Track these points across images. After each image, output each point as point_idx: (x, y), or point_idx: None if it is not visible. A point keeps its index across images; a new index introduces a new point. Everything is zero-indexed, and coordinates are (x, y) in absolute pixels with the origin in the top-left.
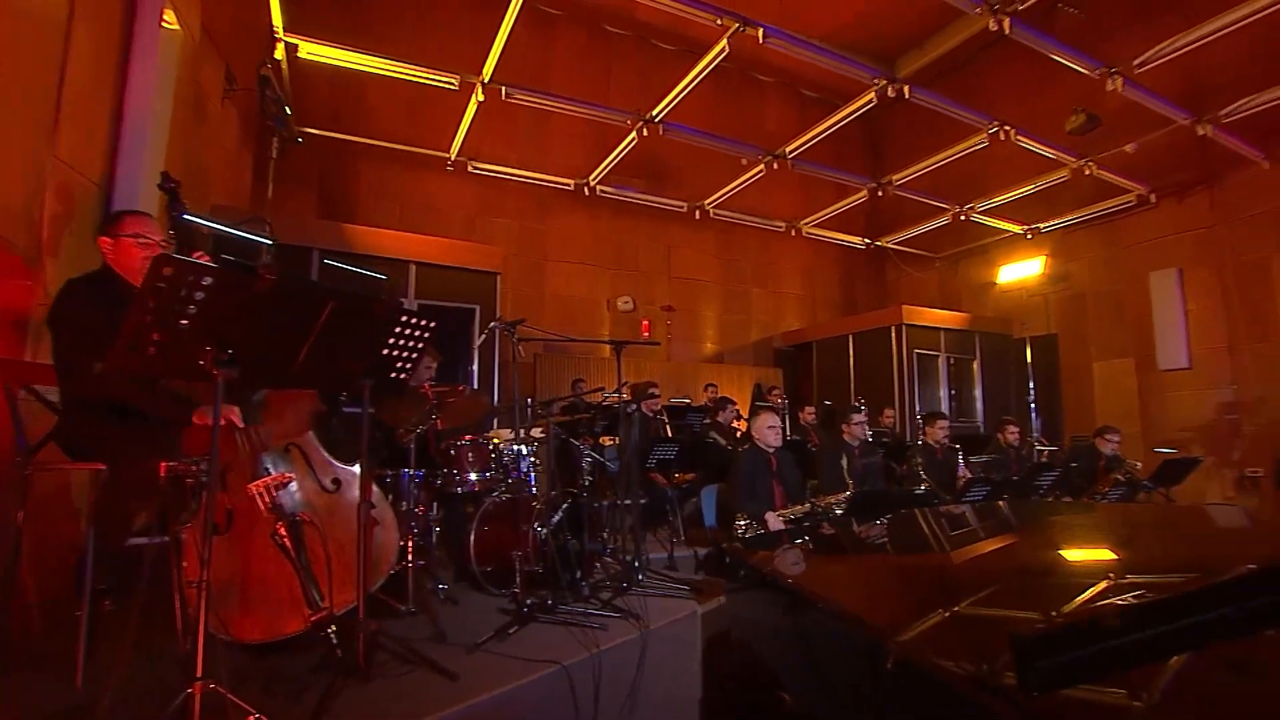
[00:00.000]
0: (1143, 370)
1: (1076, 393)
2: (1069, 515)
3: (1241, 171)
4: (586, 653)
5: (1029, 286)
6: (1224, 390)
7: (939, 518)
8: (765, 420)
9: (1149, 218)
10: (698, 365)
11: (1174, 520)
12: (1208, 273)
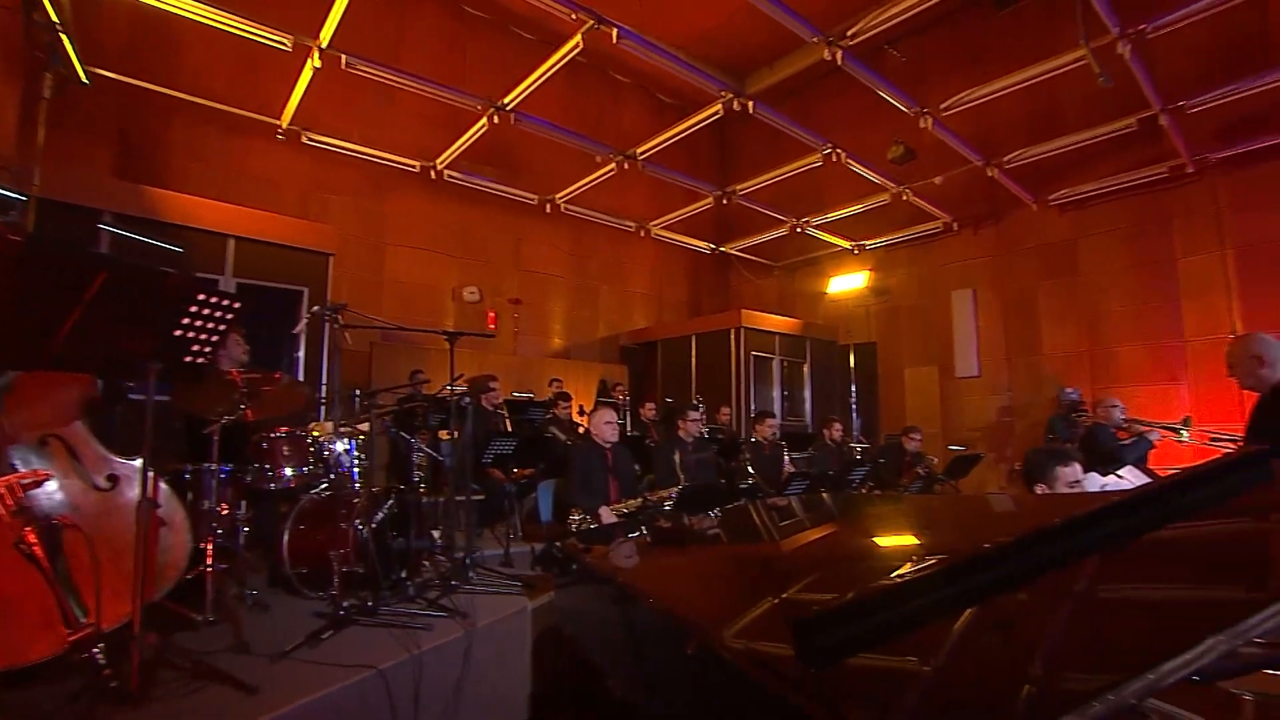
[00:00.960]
0: (944, 377)
1: (891, 396)
2: (881, 506)
3: (1019, 211)
4: (406, 654)
5: (854, 298)
6: (1002, 396)
7: (769, 510)
8: (603, 416)
9: (953, 243)
10: (544, 360)
11: (961, 507)
12: (994, 295)
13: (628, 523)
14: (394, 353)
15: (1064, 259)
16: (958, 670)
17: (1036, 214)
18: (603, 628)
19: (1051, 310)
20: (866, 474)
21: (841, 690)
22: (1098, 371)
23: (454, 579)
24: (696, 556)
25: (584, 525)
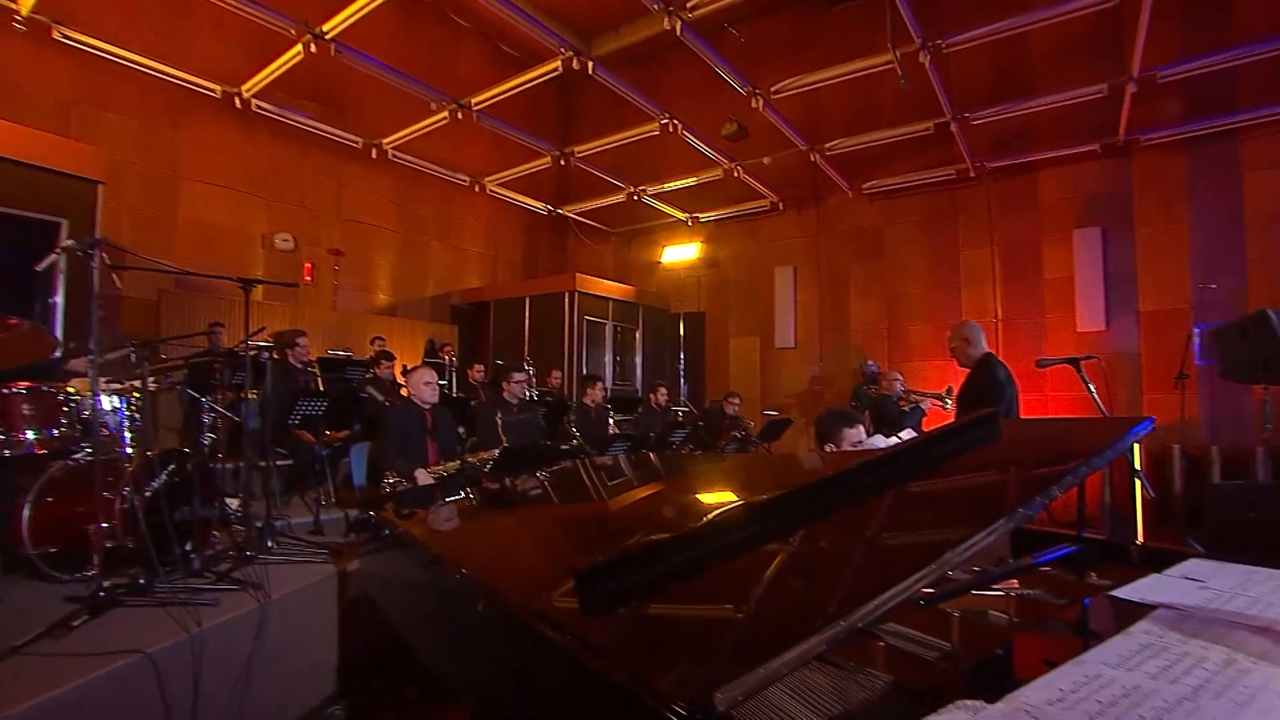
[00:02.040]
0: (764, 347)
1: (717, 363)
2: (703, 465)
3: (837, 196)
4: (185, 634)
5: (686, 268)
6: (814, 366)
7: (598, 469)
8: (421, 376)
9: (778, 221)
10: (367, 317)
11: (773, 465)
12: (812, 273)
13: (448, 485)
14: (189, 302)
15: (872, 243)
16: (768, 609)
17: (851, 200)
18: (414, 594)
19: (860, 289)
20: (687, 436)
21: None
22: (894, 346)
23: (250, 549)
24: (526, 517)
25: (398, 488)
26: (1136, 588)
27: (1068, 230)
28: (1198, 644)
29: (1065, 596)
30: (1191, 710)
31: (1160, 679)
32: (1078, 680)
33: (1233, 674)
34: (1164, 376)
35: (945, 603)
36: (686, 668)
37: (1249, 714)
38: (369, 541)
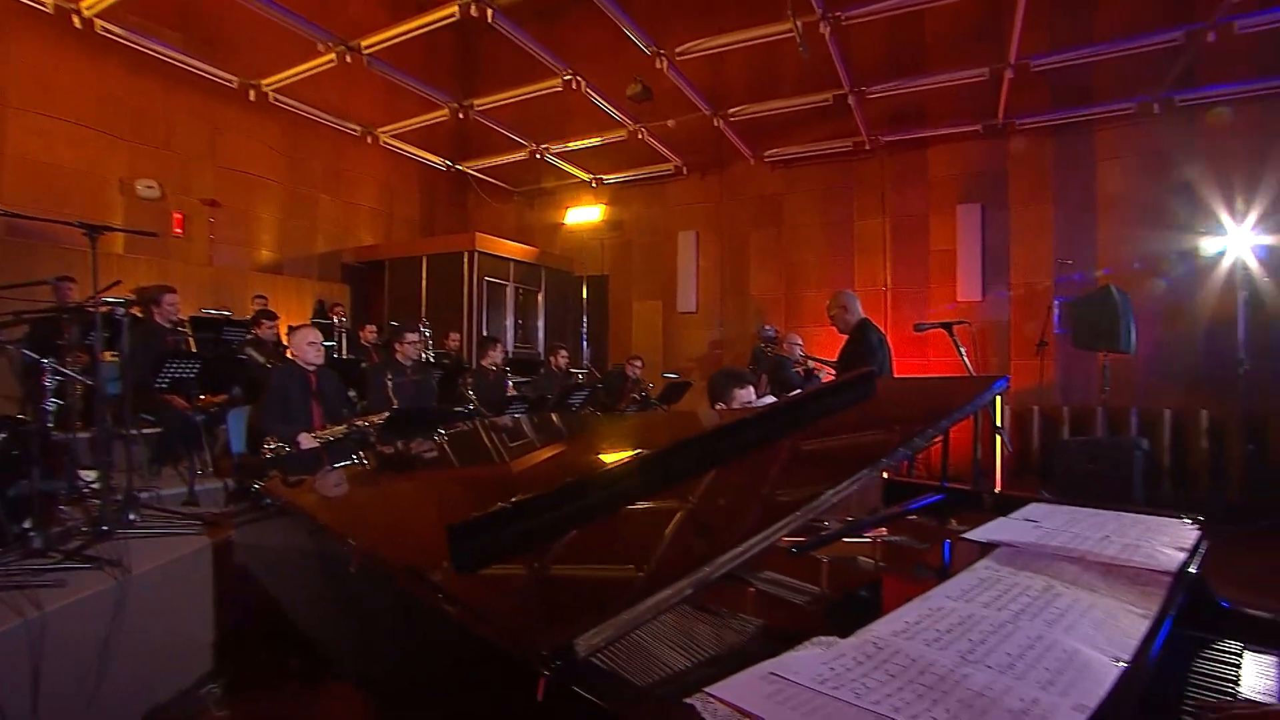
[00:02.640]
0: (667, 311)
1: (620, 326)
2: (603, 425)
3: (739, 163)
4: (18, 619)
5: (590, 231)
6: (715, 330)
7: (498, 430)
8: (304, 336)
9: (681, 186)
10: (248, 274)
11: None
12: (713, 238)
13: (335, 450)
14: (25, 254)
15: (772, 211)
16: (598, 563)
17: (753, 167)
18: (298, 564)
19: (760, 256)
20: (586, 398)
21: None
22: (791, 312)
23: (107, 524)
24: (420, 481)
25: (280, 454)
26: (984, 530)
27: (952, 205)
28: (1025, 575)
29: (928, 541)
30: (1011, 631)
31: (990, 607)
32: (921, 613)
33: (1048, 598)
34: (1029, 344)
35: (819, 550)
36: (551, 619)
37: (1055, 630)
38: (248, 511)
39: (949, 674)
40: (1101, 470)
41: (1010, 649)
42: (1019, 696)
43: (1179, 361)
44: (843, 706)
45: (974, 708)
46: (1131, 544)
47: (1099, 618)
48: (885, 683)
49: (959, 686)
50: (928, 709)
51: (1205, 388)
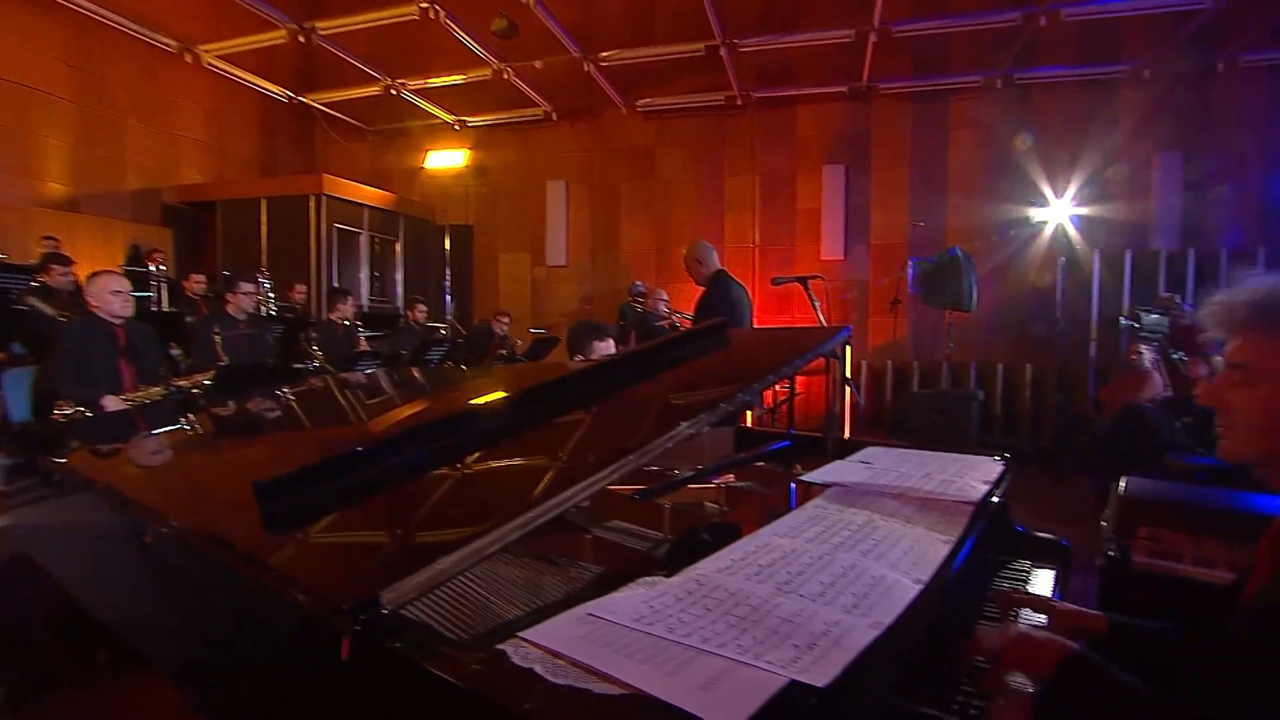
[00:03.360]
0: (535, 264)
1: (486, 280)
2: (470, 379)
3: (611, 111)
4: None
5: (453, 177)
6: (585, 286)
7: (355, 388)
8: (106, 284)
9: (551, 133)
10: (31, 211)
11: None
12: (584, 189)
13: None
14: None
15: (644, 163)
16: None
17: (625, 117)
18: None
19: (631, 209)
20: (446, 354)
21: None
22: (662, 267)
23: None
24: (264, 444)
25: (76, 419)
26: (820, 472)
27: (818, 165)
28: (850, 511)
29: (770, 484)
30: (828, 562)
31: (814, 542)
32: (748, 550)
33: (866, 531)
34: (887, 302)
35: (665, 497)
36: (361, 575)
37: (868, 559)
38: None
39: (762, 604)
40: (944, 420)
41: (825, 578)
42: (823, 620)
43: (1010, 320)
44: (654, 640)
45: (779, 633)
46: (947, 479)
47: (908, 546)
48: (701, 616)
49: (770, 615)
50: (736, 637)
51: (1030, 344)
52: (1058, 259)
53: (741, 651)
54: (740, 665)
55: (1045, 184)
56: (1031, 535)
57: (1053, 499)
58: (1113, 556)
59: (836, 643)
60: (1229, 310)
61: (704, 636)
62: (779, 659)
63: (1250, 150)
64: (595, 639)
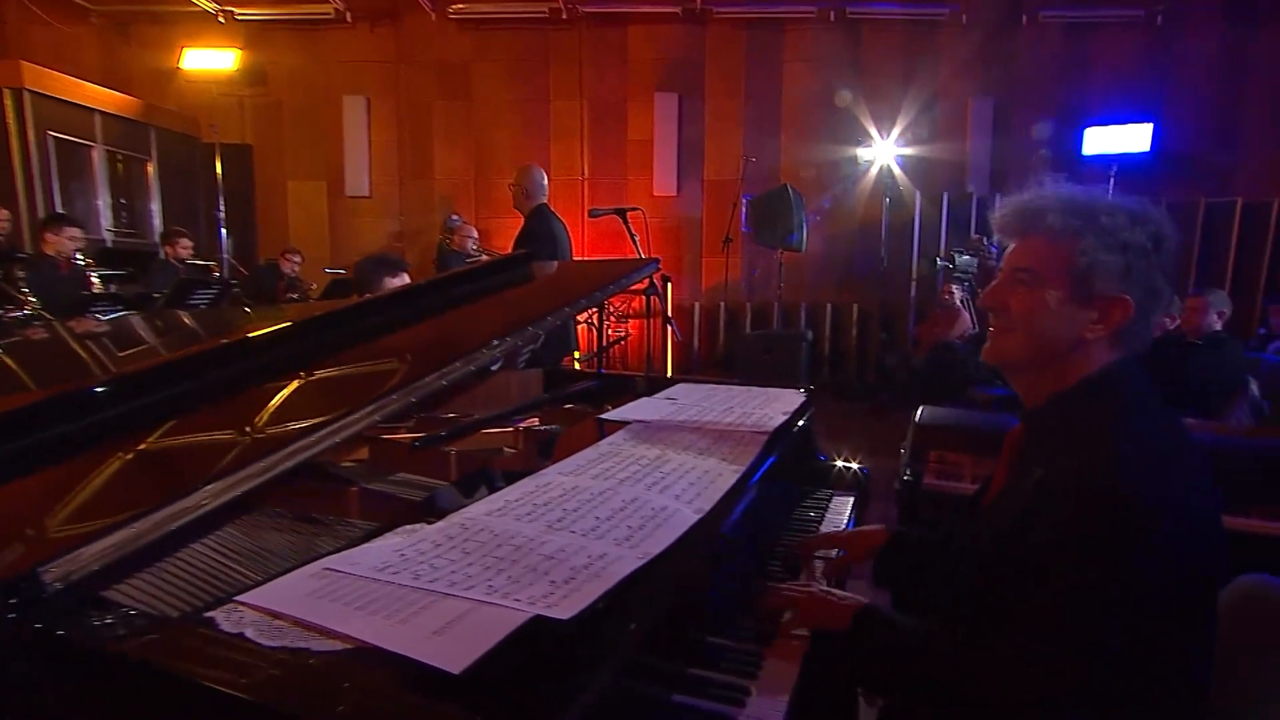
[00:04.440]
0: (333, 195)
1: (272, 211)
2: (256, 321)
3: (418, 16)
4: None
5: (222, 84)
6: (394, 220)
7: (99, 339)
8: None
9: (346, 37)
10: None
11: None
12: (388, 107)
13: None
14: None
15: (459, 80)
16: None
17: (436, 25)
18: None
19: (445, 132)
20: (216, 297)
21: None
22: (482, 200)
23: None
24: None
25: None
26: (623, 409)
27: (650, 92)
28: (644, 447)
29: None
30: (609, 498)
31: (598, 478)
32: (526, 490)
33: (656, 465)
34: (719, 241)
35: (457, 443)
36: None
37: (652, 492)
38: None
39: (528, 543)
40: (775, 360)
41: (602, 513)
42: (589, 554)
43: (838, 260)
44: (394, 589)
45: (538, 570)
46: (748, 412)
47: (696, 477)
48: (457, 560)
49: (532, 554)
50: (490, 578)
51: (857, 283)
52: (883, 199)
53: (490, 592)
54: (484, 606)
55: (872, 124)
56: (833, 465)
57: (872, 433)
58: (907, 480)
59: (596, 575)
60: (1013, 215)
61: (453, 580)
62: (530, 596)
63: (1050, 102)
64: (326, 594)
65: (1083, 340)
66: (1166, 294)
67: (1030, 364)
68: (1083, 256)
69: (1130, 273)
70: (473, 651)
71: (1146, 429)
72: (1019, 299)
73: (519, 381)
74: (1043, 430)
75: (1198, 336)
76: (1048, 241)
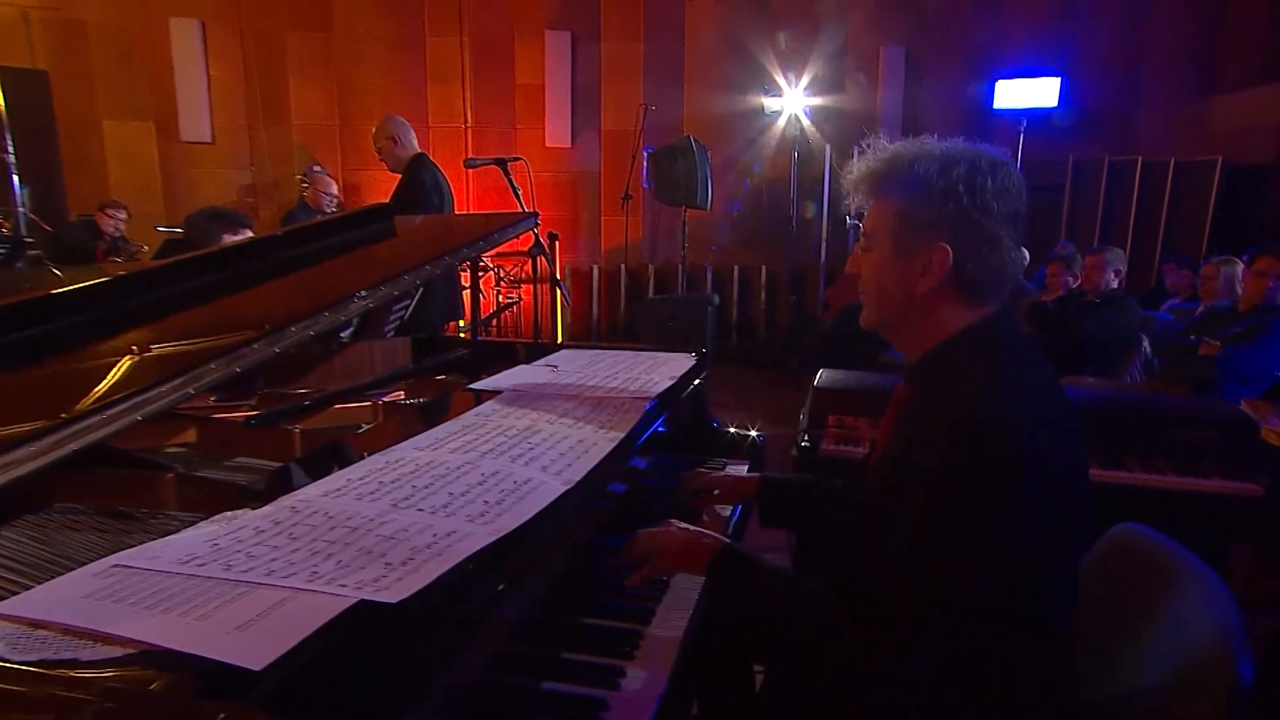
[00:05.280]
0: (165, 139)
1: (84, 157)
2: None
3: None
4: None
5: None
6: (244, 172)
7: None
8: None
9: None
10: None
11: None
12: (229, 36)
13: None
14: None
15: (318, 9)
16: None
17: None
18: None
19: (301, 69)
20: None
21: None
22: (349, 148)
23: None
24: None
25: None
26: (496, 378)
27: (540, 30)
28: (514, 417)
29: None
30: (467, 472)
31: (457, 452)
32: (373, 468)
33: (525, 436)
34: (619, 197)
35: (306, 421)
36: None
37: (516, 465)
38: None
39: (366, 524)
40: (679, 327)
41: (457, 489)
42: (435, 532)
43: (746, 218)
44: (197, 583)
45: (373, 553)
46: (633, 377)
47: (568, 447)
48: (280, 547)
49: (369, 535)
50: (315, 564)
51: (765, 243)
52: (792, 152)
53: (312, 579)
54: (302, 595)
55: (779, 72)
56: (726, 432)
57: (779, 401)
58: (805, 447)
59: (439, 554)
60: (853, 184)
61: (272, 569)
62: (358, 580)
63: (962, 52)
64: (110, 595)
65: (918, 294)
66: (1000, 234)
67: (887, 325)
68: (897, 211)
69: (943, 219)
70: (278, 645)
71: (1015, 376)
72: (865, 264)
73: (384, 352)
74: (920, 387)
75: (1097, 295)
76: (876, 203)
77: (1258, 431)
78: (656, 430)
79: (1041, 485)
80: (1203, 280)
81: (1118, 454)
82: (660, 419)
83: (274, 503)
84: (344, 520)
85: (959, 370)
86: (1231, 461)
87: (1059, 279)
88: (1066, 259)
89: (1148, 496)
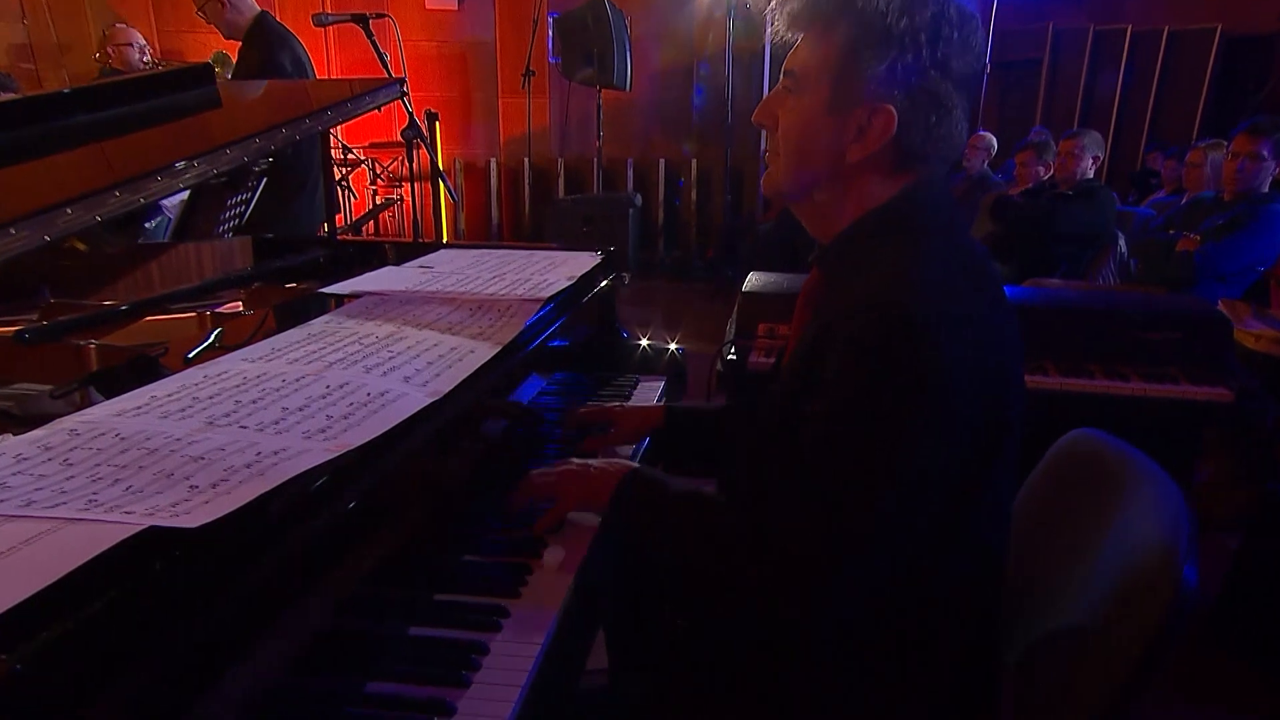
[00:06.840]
0: None
1: None
2: None
3: None
4: None
5: None
6: (16, 29)
7: None
8: None
9: None
10: None
11: None
12: None
13: None
14: None
15: None
16: None
17: None
18: None
19: None
20: None
21: None
22: (164, 7)
23: None
24: None
25: None
26: (355, 281)
27: None
28: (372, 324)
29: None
30: (308, 384)
31: (298, 363)
32: (187, 383)
33: (384, 344)
34: (519, 75)
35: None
36: None
37: (371, 376)
38: None
39: (168, 444)
40: (596, 232)
41: (294, 403)
42: (259, 450)
43: (673, 105)
44: None
45: (174, 476)
46: (523, 280)
47: (437, 356)
48: (50, 475)
49: (174, 456)
50: (95, 491)
51: (697, 134)
52: (727, 20)
53: (89, 507)
54: (73, 525)
55: None
56: (639, 345)
57: (711, 315)
58: (731, 360)
59: (261, 474)
60: (779, 4)
61: (31, 500)
62: (151, 506)
63: None
64: None
65: (846, 162)
66: (954, 101)
67: (799, 192)
68: (841, 49)
69: (894, 73)
70: (22, 590)
71: (939, 258)
72: (785, 112)
73: (216, 254)
74: (833, 274)
75: (1070, 186)
76: (812, 34)
77: (1231, 333)
78: (555, 345)
79: (963, 384)
80: (1187, 168)
81: (1079, 360)
82: (555, 326)
83: (47, 426)
84: (141, 441)
85: (874, 254)
86: (1202, 366)
87: (1029, 169)
88: (1038, 146)
89: (1111, 405)
